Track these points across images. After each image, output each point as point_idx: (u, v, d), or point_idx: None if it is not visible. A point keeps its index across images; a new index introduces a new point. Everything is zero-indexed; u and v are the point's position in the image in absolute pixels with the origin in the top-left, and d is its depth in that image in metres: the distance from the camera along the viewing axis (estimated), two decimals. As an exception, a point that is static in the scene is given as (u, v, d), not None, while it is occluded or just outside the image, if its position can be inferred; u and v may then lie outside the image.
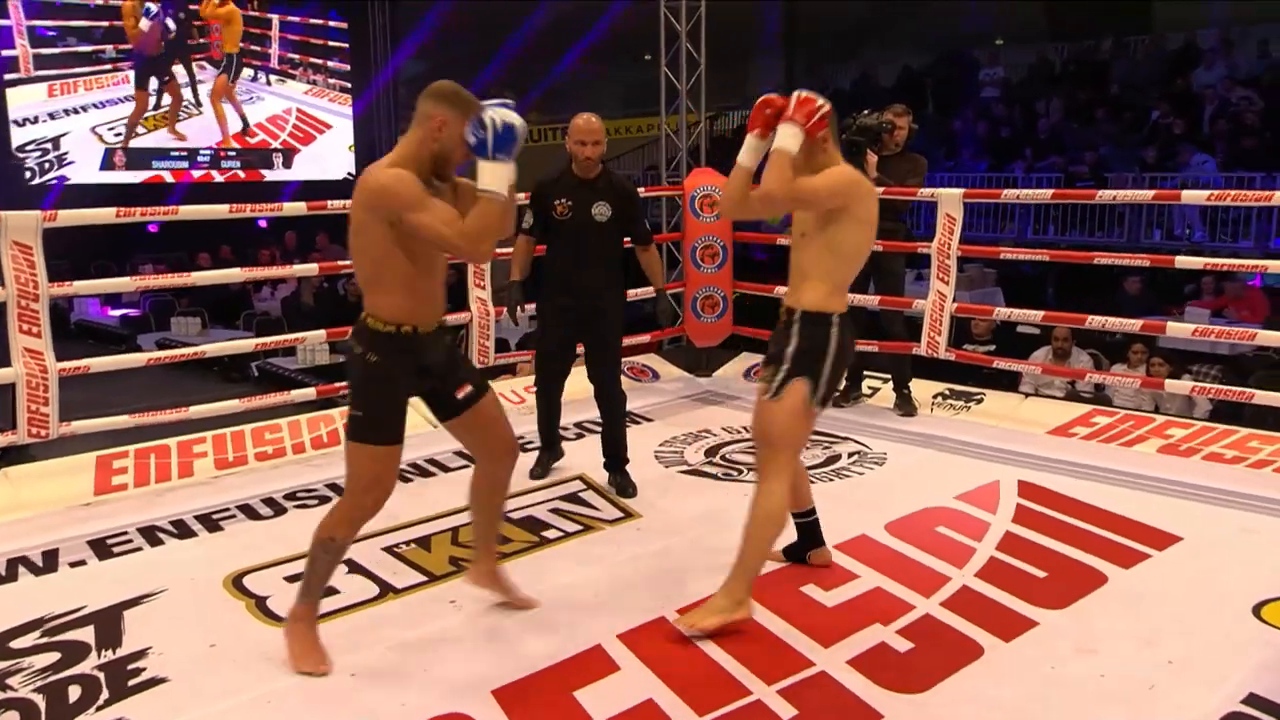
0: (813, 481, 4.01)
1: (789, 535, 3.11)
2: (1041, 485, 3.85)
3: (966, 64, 14.22)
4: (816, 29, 16.69)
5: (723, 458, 4.39)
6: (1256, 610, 2.85)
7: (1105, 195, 4.54)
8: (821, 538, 3.23)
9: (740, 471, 4.18)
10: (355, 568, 3.22)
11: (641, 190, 8.26)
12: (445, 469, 4.27)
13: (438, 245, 2.46)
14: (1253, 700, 2.41)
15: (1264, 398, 4.22)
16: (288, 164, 13.79)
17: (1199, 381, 5.99)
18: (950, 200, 4.79)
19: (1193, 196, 4.47)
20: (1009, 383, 5.80)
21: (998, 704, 2.45)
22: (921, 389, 5.08)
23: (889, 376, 5.11)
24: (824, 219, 2.82)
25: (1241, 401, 4.43)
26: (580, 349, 4.13)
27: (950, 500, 3.74)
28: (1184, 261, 4.39)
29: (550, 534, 3.55)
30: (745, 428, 4.77)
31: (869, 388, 5.26)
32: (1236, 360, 6.73)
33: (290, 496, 3.91)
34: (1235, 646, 2.67)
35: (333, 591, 3.04)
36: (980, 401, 4.95)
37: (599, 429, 4.16)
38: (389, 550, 3.37)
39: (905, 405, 4.96)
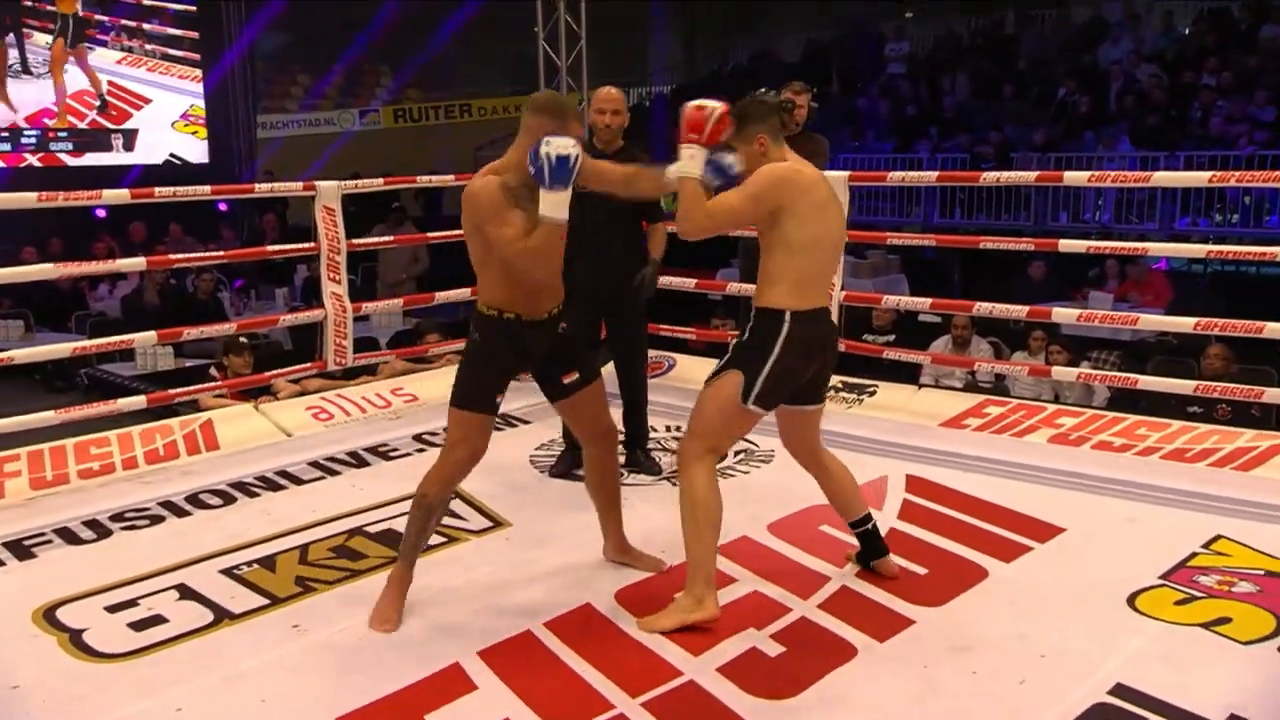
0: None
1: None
2: (929, 479, 4.03)
3: (871, 38, 14.61)
4: (715, 1, 16.94)
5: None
6: (1131, 600, 3.05)
7: (989, 177, 4.77)
8: (884, 546, 3.25)
9: (621, 474, 4.24)
10: (187, 593, 3.19)
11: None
12: (298, 481, 4.24)
13: (502, 256, 2.93)
14: (1119, 690, 2.58)
15: (1151, 383, 4.48)
16: (129, 145, 13.32)
17: (1099, 368, 6.31)
18: (836, 183, 4.93)
19: (1074, 178, 4.72)
20: (909, 374, 6.01)
21: (867, 706, 2.57)
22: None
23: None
24: (768, 219, 2.92)
25: (1134, 389, 4.70)
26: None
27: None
28: (1068, 245, 4.64)
29: (410, 548, 3.55)
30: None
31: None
32: (1137, 346, 7.10)
33: (117, 518, 3.83)
34: (1107, 637, 2.86)
35: (159, 620, 3.01)
36: (874, 394, 5.13)
37: (519, 422, 4.33)
38: (227, 572, 3.34)
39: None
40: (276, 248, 5.70)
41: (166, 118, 13.69)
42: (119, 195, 4.47)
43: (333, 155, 15.80)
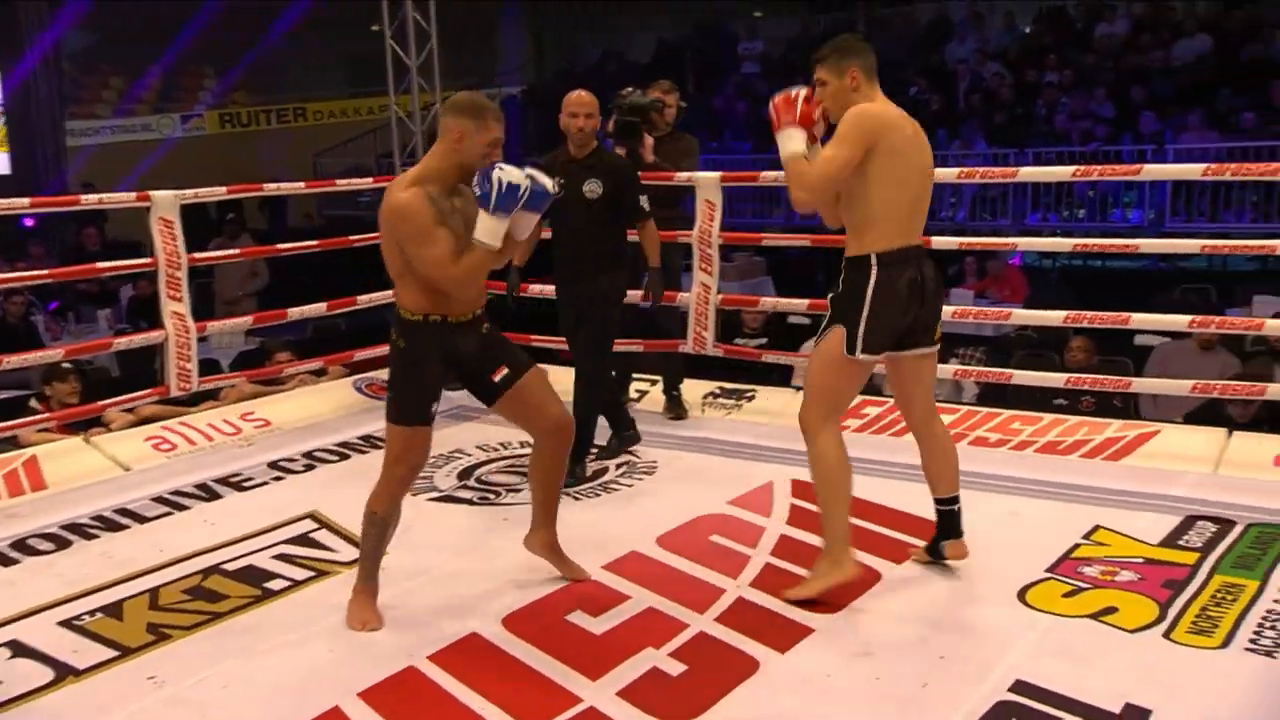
0: (576, 499, 4.10)
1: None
2: (810, 481, 4.09)
3: (724, 37, 14.89)
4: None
5: (478, 480, 4.38)
6: (1021, 595, 3.17)
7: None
8: (959, 528, 3.29)
9: (498, 493, 4.19)
10: (21, 650, 2.98)
11: (369, 181, 8.08)
12: (141, 519, 4.02)
13: (427, 278, 2.93)
14: (1019, 687, 2.67)
15: (1025, 377, 4.69)
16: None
17: (967, 365, 6.57)
18: (708, 185, 5.00)
19: (944, 174, 4.91)
20: (782, 377, 6.12)
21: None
22: (692, 389, 5.28)
23: (658, 378, 5.27)
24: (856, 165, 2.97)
25: (1004, 382, 4.91)
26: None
27: (723, 506, 3.92)
28: (940, 242, 4.81)
29: (275, 585, 3.41)
30: (503, 444, 4.78)
31: (637, 391, 5.40)
32: (1000, 341, 7.43)
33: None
34: (1002, 634, 2.97)
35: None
36: (752, 399, 5.20)
37: (367, 446, 4.51)
38: (67, 624, 3.14)
39: (675, 408, 5.13)
40: (108, 265, 5.38)
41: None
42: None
43: (154, 164, 15.09)
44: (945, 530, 3.33)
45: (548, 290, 5.52)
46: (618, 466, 4.46)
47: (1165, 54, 11.30)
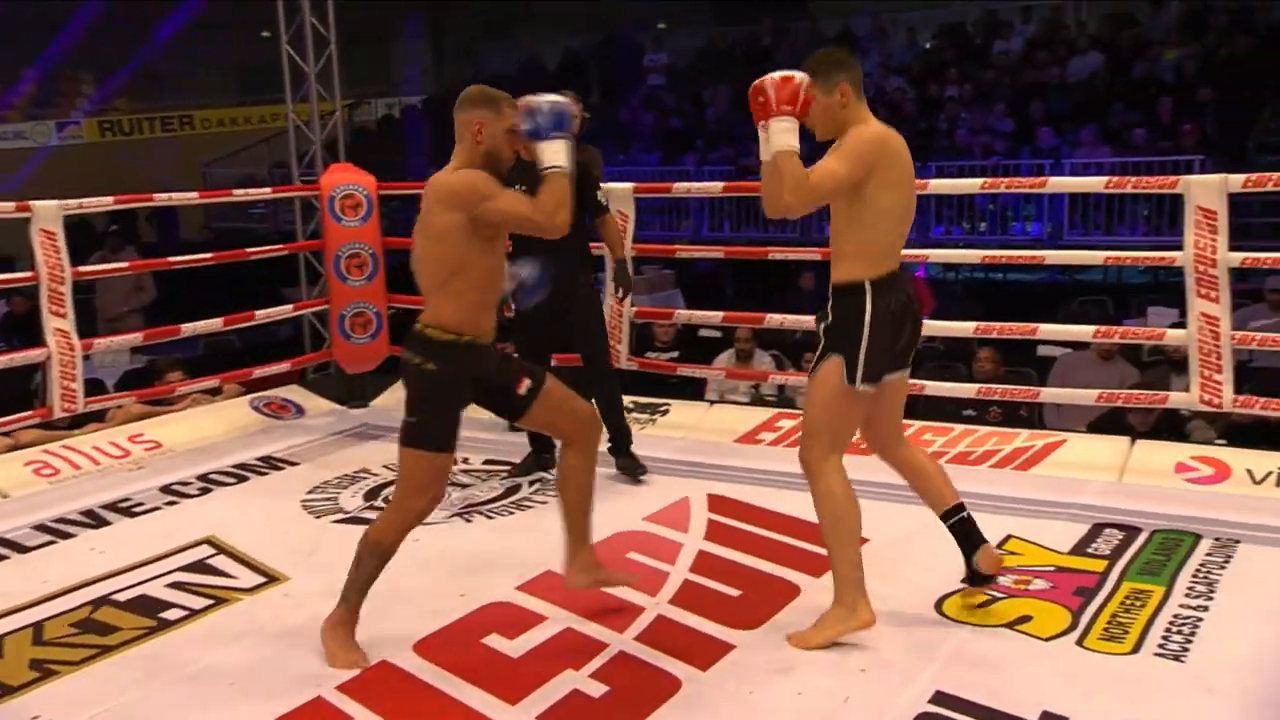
0: (490, 518, 4.06)
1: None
2: (731, 497, 4.14)
3: (630, 48, 14.98)
4: (467, 4, 16.86)
5: (386, 500, 4.30)
6: (939, 606, 3.24)
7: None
8: (980, 534, 3.15)
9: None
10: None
11: (268, 191, 7.89)
12: (21, 549, 3.85)
13: (519, 225, 2.90)
14: (939, 698, 2.73)
15: (937, 388, 4.79)
16: None
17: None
18: (621, 196, 5.01)
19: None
20: (695, 390, 6.16)
21: (699, 740, 2.60)
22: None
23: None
24: (853, 187, 2.86)
25: (915, 394, 5.01)
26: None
27: (640, 523, 3.92)
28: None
29: (171, 615, 3.31)
30: (409, 463, 4.70)
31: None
32: (908, 352, 7.59)
33: None
34: (921, 645, 3.02)
35: None
36: (666, 413, 5.22)
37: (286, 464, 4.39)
38: (-57, 665, 2.98)
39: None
40: (-23, 281, 5.16)
41: None
42: None
43: (29, 174, 14.53)
44: (967, 544, 3.17)
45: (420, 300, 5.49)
46: (530, 484, 4.43)
47: (1060, 70, 11.72)
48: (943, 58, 12.82)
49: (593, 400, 4.23)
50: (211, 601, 3.39)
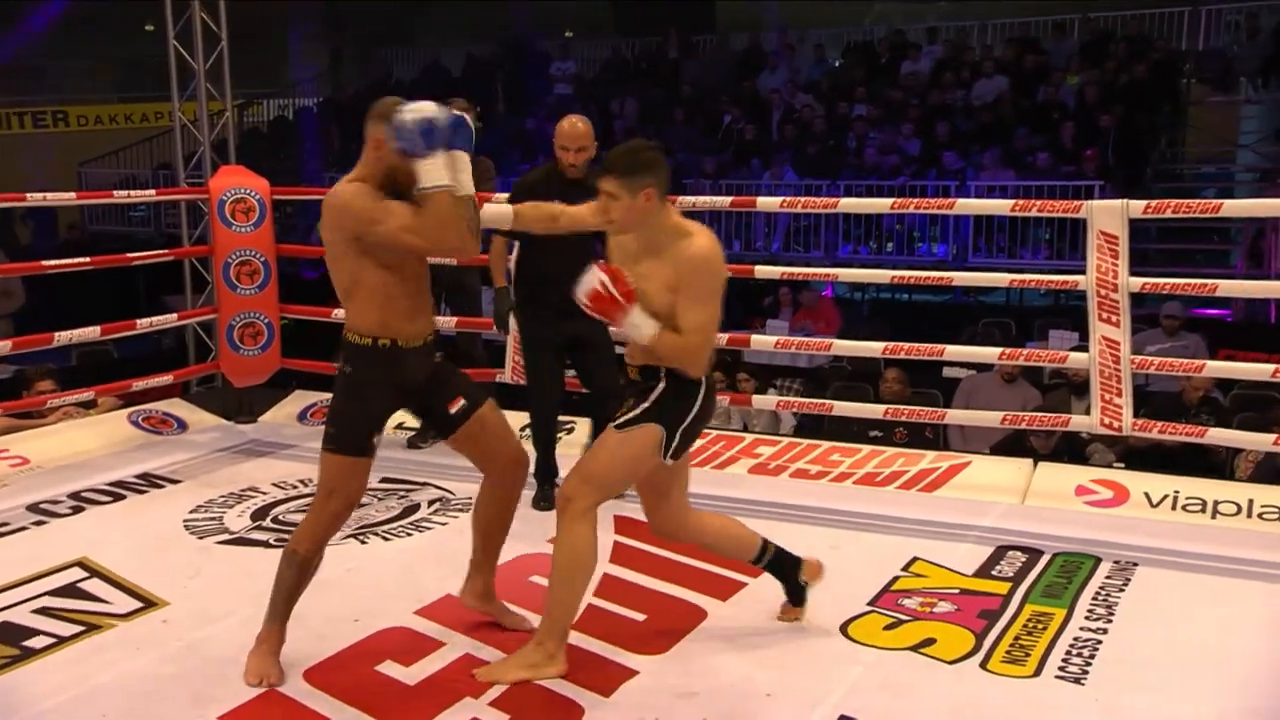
0: (386, 539, 4.00)
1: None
2: (639, 519, 4.11)
3: (536, 56, 14.97)
4: (365, 5, 16.66)
5: (275, 519, 4.21)
6: (844, 628, 3.29)
7: (684, 202, 5.03)
8: (792, 555, 3.29)
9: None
10: None
11: (153, 193, 7.68)
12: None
13: (404, 250, 2.89)
14: (845, 722, 2.77)
15: (844, 408, 4.89)
16: None
17: (783, 395, 6.79)
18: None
19: (767, 204, 5.13)
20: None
21: (602, 769, 2.59)
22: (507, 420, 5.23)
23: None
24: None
25: (821, 413, 5.11)
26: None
27: (544, 545, 3.86)
28: (764, 271, 4.97)
29: (37, 642, 3.18)
30: (303, 481, 4.62)
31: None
32: (816, 373, 7.73)
33: None
34: (827, 669, 3.06)
35: None
36: (571, 431, 5.20)
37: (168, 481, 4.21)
38: None
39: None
40: None
41: None
42: None
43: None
44: (785, 571, 3.30)
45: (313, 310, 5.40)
46: (430, 504, 4.37)
47: (966, 93, 12.08)
48: (851, 76, 13.10)
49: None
50: (82, 628, 3.27)
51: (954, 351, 4.57)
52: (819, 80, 13.33)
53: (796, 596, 3.33)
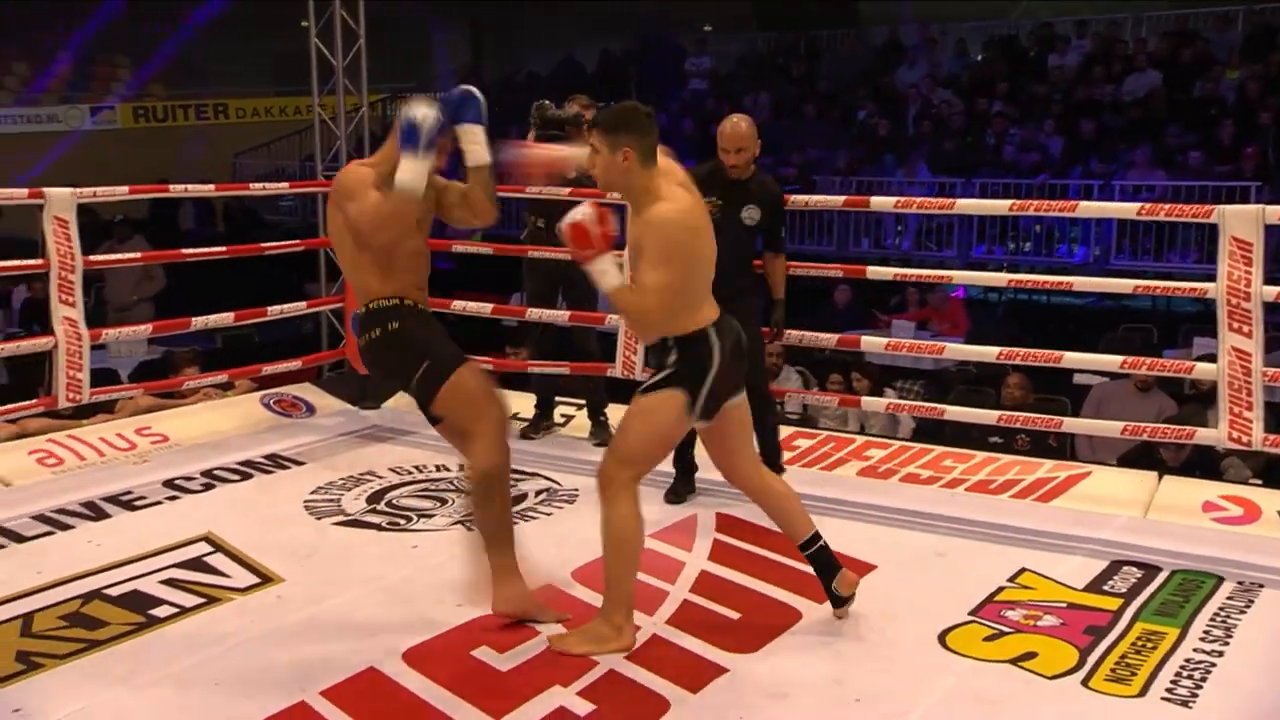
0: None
1: None
2: (741, 518, 4.14)
3: (671, 51, 15.04)
4: (506, 2, 17.01)
5: (389, 504, 4.36)
6: (942, 638, 3.23)
7: (797, 201, 5.03)
8: (836, 562, 3.31)
9: (409, 518, 4.18)
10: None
11: (285, 186, 8.00)
12: (19, 538, 3.94)
13: (356, 231, 3.12)
14: (933, 731, 2.74)
15: (956, 413, 4.79)
16: None
17: (904, 398, 6.69)
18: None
19: (881, 203, 5.06)
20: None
21: (681, 764, 2.62)
22: (617, 415, 5.29)
23: (584, 402, 5.29)
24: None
25: (938, 419, 5.01)
26: None
27: (645, 539, 3.93)
28: (875, 272, 4.91)
29: (161, 612, 3.37)
30: (418, 467, 4.77)
31: (562, 415, 5.42)
32: (940, 375, 7.58)
33: None
34: (920, 677, 3.02)
35: None
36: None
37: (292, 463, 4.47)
38: (-70, 651, 3.06)
39: (602, 433, 5.14)
40: (-11, 265, 5.30)
41: None
42: None
43: (60, 157, 14.79)
44: (826, 571, 3.31)
45: (482, 308, 5.55)
46: (537, 494, 4.46)
47: (1115, 88, 11.64)
48: (993, 71, 12.76)
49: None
50: (203, 600, 3.45)
51: (1073, 358, 4.42)
52: (959, 75, 13.04)
53: (835, 602, 3.33)
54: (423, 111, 3.04)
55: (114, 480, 4.52)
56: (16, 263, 5.11)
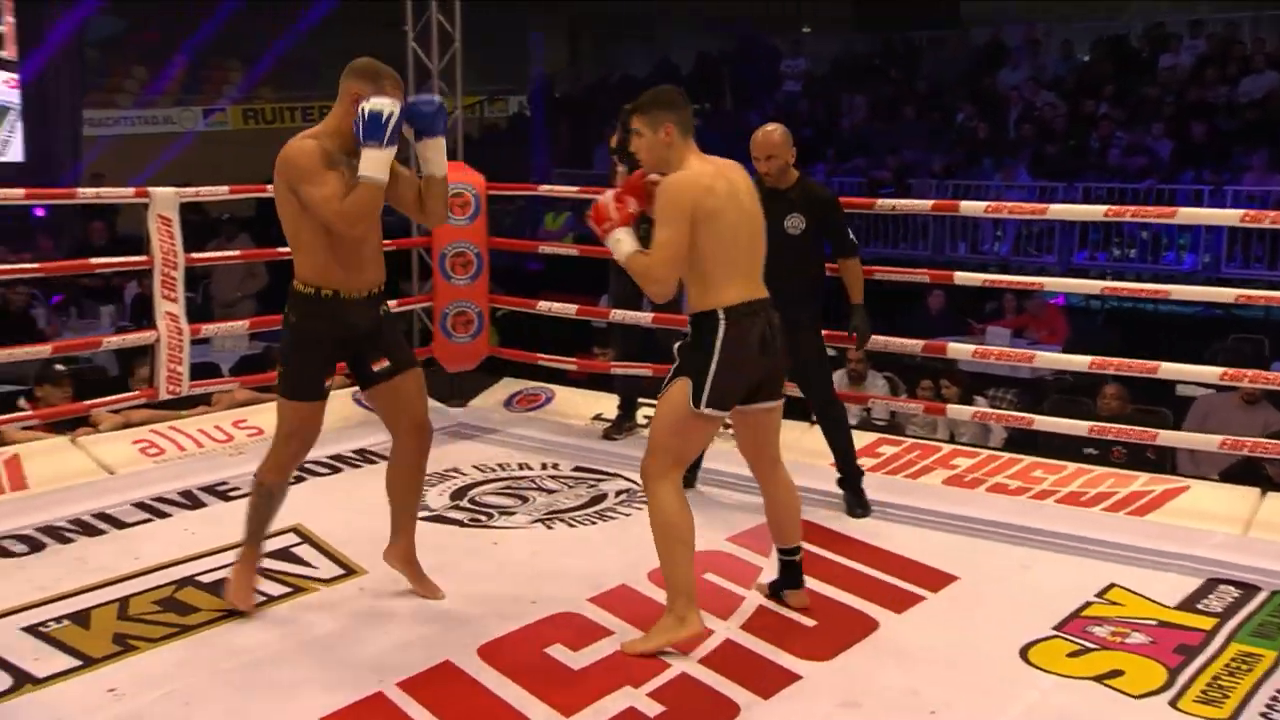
0: (571, 525, 4.14)
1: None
2: (820, 524, 4.11)
3: (767, 52, 14.97)
4: (603, 4, 17.11)
5: (471, 500, 4.42)
6: (1024, 652, 3.16)
7: (884, 205, 4.95)
8: (800, 579, 3.40)
9: (491, 515, 4.23)
10: (-19, 655, 3.03)
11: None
12: (120, 524, 4.09)
13: (320, 219, 3.06)
14: (1010, 748, 2.68)
15: (1045, 423, 4.67)
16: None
17: (996, 406, 6.54)
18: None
19: (971, 208, 4.96)
20: (798, 409, 6.12)
21: (750, 769, 2.61)
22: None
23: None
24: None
25: (1030, 429, 4.89)
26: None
27: (722, 543, 3.93)
28: (964, 278, 4.82)
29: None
30: (502, 465, 4.83)
31: (644, 417, 5.43)
32: (1036, 384, 7.40)
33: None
34: (999, 692, 2.96)
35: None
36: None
37: (379, 458, 4.40)
38: (32, 630, 3.20)
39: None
40: (100, 260, 5.53)
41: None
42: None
43: (173, 158, 15.30)
44: (788, 580, 3.40)
45: (567, 309, 5.61)
46: (617, 494, 4.49)
47: (1230, 90, 11.24)
48: (1100, 72, 12.42)
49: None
50: (289, 590, 3.54)
51: (1169, 369, 4.28)
52: (1064, 77, 12.72)
53: (773, 590, 3.44)
54: (385, 103, 3.01)
55: (211, 471, 4.68)
56: (121, 259, 5.31)
